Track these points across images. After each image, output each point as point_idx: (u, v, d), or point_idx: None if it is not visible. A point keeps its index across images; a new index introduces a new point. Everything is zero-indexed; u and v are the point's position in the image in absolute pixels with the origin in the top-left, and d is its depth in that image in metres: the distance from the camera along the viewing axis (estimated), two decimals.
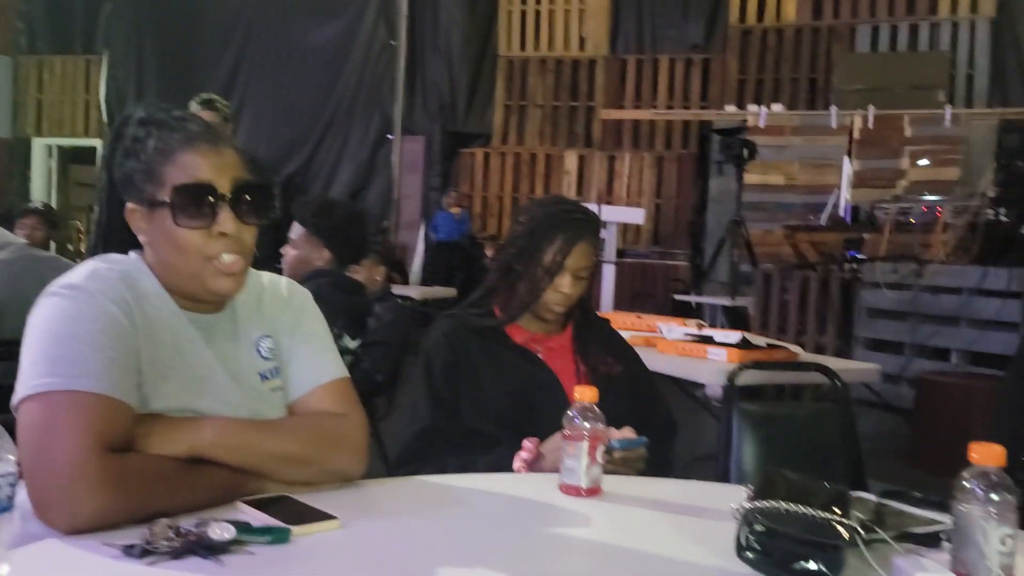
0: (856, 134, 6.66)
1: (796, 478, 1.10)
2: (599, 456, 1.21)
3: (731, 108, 7.22)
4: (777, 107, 6.88)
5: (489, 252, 7.51)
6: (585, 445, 1.19)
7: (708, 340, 2.92)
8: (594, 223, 1.66)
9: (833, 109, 6.73)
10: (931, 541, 1.03)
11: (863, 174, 6.70)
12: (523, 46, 9.02)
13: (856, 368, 3.25)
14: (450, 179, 9.22)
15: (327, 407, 1.17)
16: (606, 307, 6.27)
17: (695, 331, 3.07)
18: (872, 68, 7.31)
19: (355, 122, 9.41)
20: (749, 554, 0.95)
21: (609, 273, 6.48)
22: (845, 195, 6.62)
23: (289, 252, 2.42)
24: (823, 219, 6.71)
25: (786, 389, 3.25)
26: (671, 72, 8.55)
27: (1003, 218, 4.84)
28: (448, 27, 9.25)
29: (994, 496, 0.94)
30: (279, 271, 1.76)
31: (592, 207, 7.52)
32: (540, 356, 1.64)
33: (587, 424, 1.20)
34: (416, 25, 9.32)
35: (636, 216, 7.15)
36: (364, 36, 9.40)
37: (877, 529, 1.01)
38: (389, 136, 9.38)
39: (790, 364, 2.48)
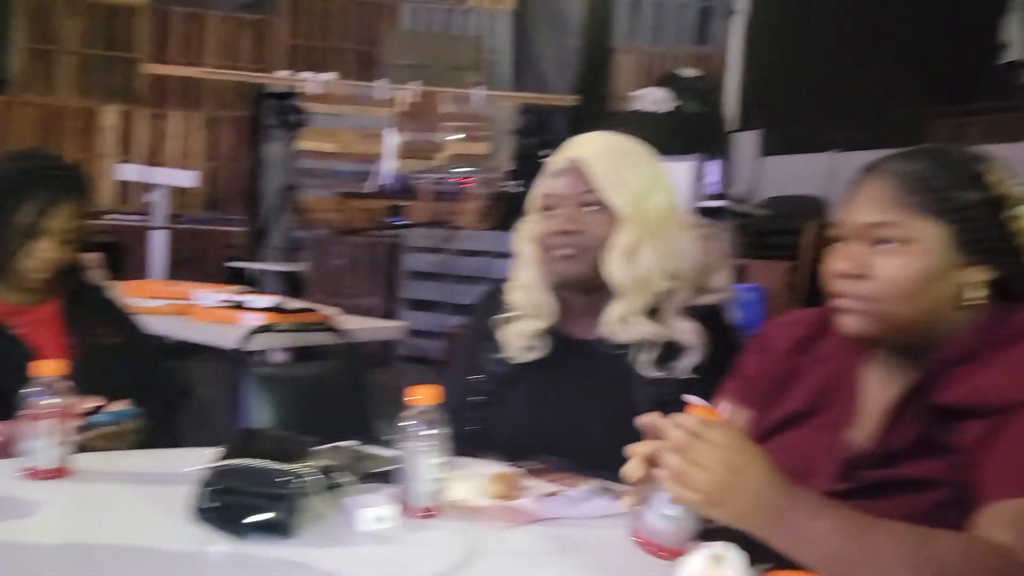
0: (402, 107, 7.05)
1: (270, 435, 1.16)
2: (67, 433, 1.14)
3: (283, 73, 7.18)
4: (330, 75, 7.01)
5: None
6: (46, 424, 1.12)
7: (242, 306, 2.91)
8: (78, 180, 1.55)
9: (381, 82, 7.05)
10: (388, 478, 1.15)
11: (407, 145, 7.14)
12: None
13: (387, 326, 3.51)
14: None
15: None
16: (157, 274, 5.91)
17: (232, 297, 3.04)
18: (417, 46, 7.80)
19: None
20: (204, 514, 0.98)
21: (160, 239, 6.11)
22: (391, 165, 7.01)
23: None
24: (368, 187, 7.04)
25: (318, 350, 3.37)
26: (222, 29, 8.21)
27: (520, 189, 5.54)
28: None
29: (427, 431, 1.09)
30: None
31: (137, 168, 6.91)
32: (18, 331, 1.50)
33: (50, 400, 1.12)
34: None
35: (187, 179, 6.80)
36: None
37: (334, 475, 1.10)
38: None
39: (306, 325, 2.57)
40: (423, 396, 1.09)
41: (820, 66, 7.41)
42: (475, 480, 1.17)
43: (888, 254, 0.98)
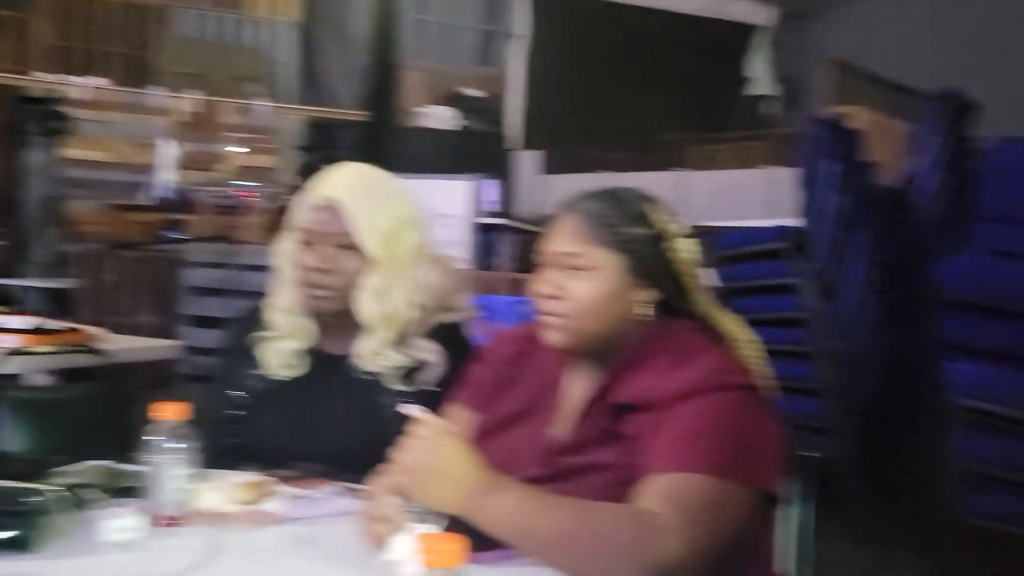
0: (180, 116, 6.82)
1: (15, 457, 1.18)
2: None
3: (43, 75, 6.72)
4: (99, 80, 6.64)
5: None
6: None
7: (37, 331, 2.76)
8: None
9: (156, 89, 6.78)
10: (138, 492, 1.21)
11: (187, 156, 6.92)
12: None
13: (158, 345, 3.45)
14: None
15: None
16: None
17: None
18: (197, 54, 7.56)
19: None
20: None
21: None
22: (168, 176, 6.75)
23: None
24: (143, 198, 6.75)
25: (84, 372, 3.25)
26: None
27: None
28: None
29: (173, 444, 1.16)
30: None
31: None
32: None
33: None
34: None
35: None
36: None
37: (81, 492, 1.15)
38: None
39: (67, 347, 2.50)
40: (169, 411, 1.16)
41: (596, 91, 7.97)
42: (225, 488, 1.26)
43: (578, 279, 1.19)
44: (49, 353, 2.52)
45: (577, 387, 1.25)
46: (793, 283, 3.72)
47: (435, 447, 1.04)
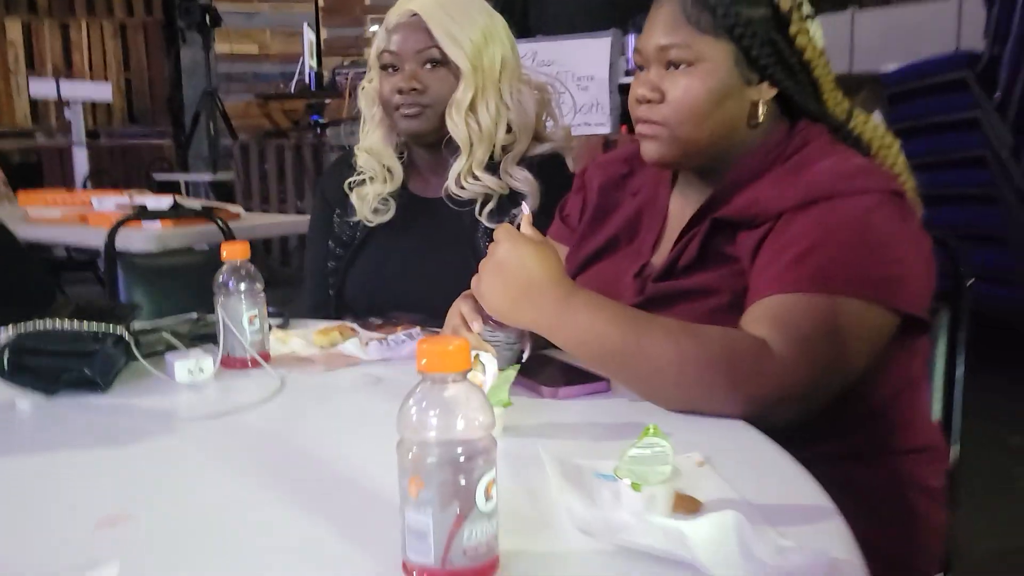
0: (321, 2, 6.82)
1: (88, 303, 1.16)
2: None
3: None
4: None
5: None
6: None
7: (142, 209, 2.87)
8: None
9: None
10: (216, 338, 1.17)
11: (329, 42, 6.94)
12: None
13: (288, 220, 3.51)
14: None
15: None
16: None
17: (126, 200, 3.00)
18: None
19: None
20: (11, 375, 1.00)
21: (81, 157, 5.93)
22: (311, 62, 6.81)
23: None
24: (292, 87, 6.86)
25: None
26: None
27: None
28: None
29: (241, 285, 1.10)
30: None
31: (49, 83, 6.60)
32: None
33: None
34: None
35: (103, 92, 6.58)
36: None
37: (154, 336, 1.13)
38: None
39: (186, 213, 2.58)
40: (235, 251, 1.10)
41: None
42: (303, 333, 1.20)
43: (678, 76, 0.99)
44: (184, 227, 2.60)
45: (684, 207, 1.07)
46: (979, 117, 3.25)
47: (518, 250, 0.90)
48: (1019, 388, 3.04)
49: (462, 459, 0.53)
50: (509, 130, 1.42)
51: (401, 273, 1.47)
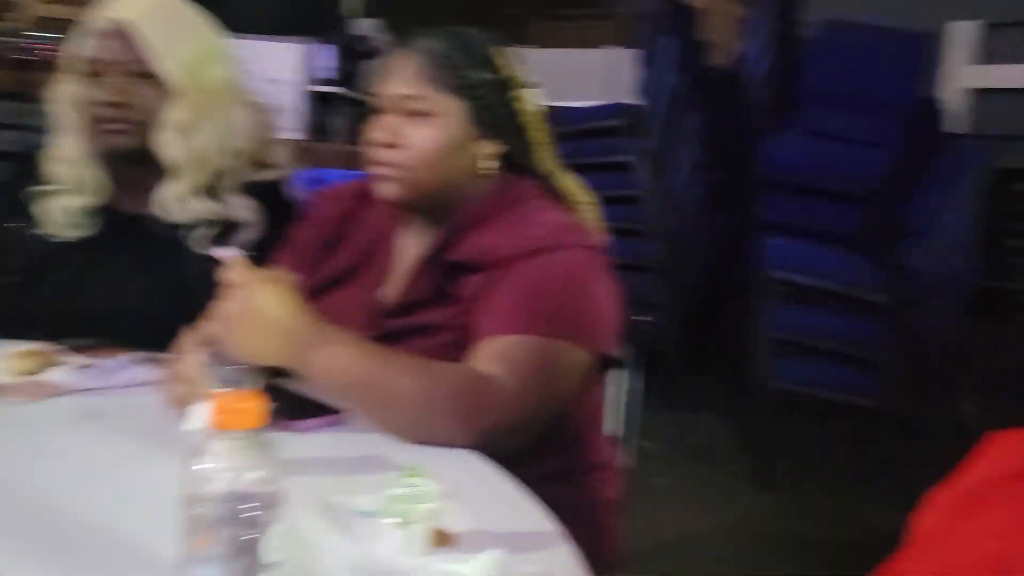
0: None
1: None
2: None
3: None
4: None
5: None
6: None
7: None
8: None
9: None
10: None
11: None
12: None
13: None
14: None
15: None
16: None
17: None
18: None
19: None
20: None
21: None
22: None
23: None
24: None
25: None
26: None
27: None
28: None
29: None
30: None
31: None
32: None
33: None
34: None
35: None
36: None
37: None
38: None
39: None
40: None
41: None
42: (2, 359, 1.11)
43: (417, 125, 1.09)
44: None
45: (411, 246, 1.17)
46: (628, 161, 3.75)
47: (258, 293, 0.93)
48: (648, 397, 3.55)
49: (250, 514, 0.56)
50: (229, 154, 1.38)
51: (99, 291, 1.37)
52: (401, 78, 1.10)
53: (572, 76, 6.58)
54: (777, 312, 2.98)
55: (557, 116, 4.31)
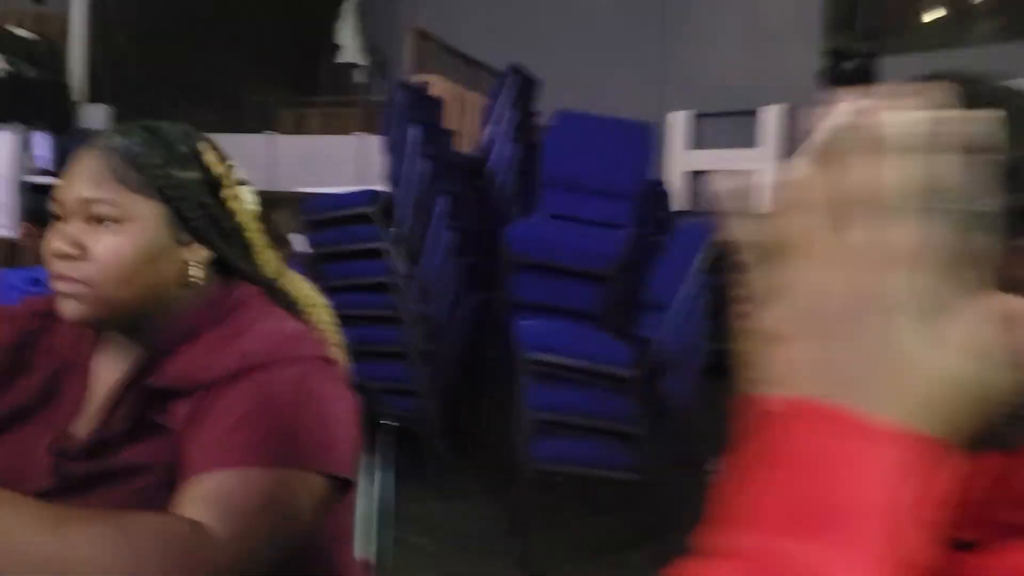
0: None
1: None
2: None
3: None
4: None
5: None
6: None
7: None
8: None
9: None
10: None
11: None
12: None
13: None
14: None
15: None
16: None
17: None
18: None
19: None
20: None
21: None
22: None
23: None
24: None
25: None
26: None
27: None
28: None
29: None
30: None
31: None
32: None
33: None
34: None
35: None
36: None
37: None
38: None
39: None
40: None
41: (173, 46, 7.28)
42: None
43: (104, 233, 0.92)
44: None
45: (109, 372, 0.99)
46: (381, 247, 3.71)
47: None
48: (413, 487, 3.46)
49: None
50: None
51: None
52: (84, 179, 0.94)
53: (323, 162, 6.53)
54: (532, 391, 3.02)
55: (309, 203, 4.29)
